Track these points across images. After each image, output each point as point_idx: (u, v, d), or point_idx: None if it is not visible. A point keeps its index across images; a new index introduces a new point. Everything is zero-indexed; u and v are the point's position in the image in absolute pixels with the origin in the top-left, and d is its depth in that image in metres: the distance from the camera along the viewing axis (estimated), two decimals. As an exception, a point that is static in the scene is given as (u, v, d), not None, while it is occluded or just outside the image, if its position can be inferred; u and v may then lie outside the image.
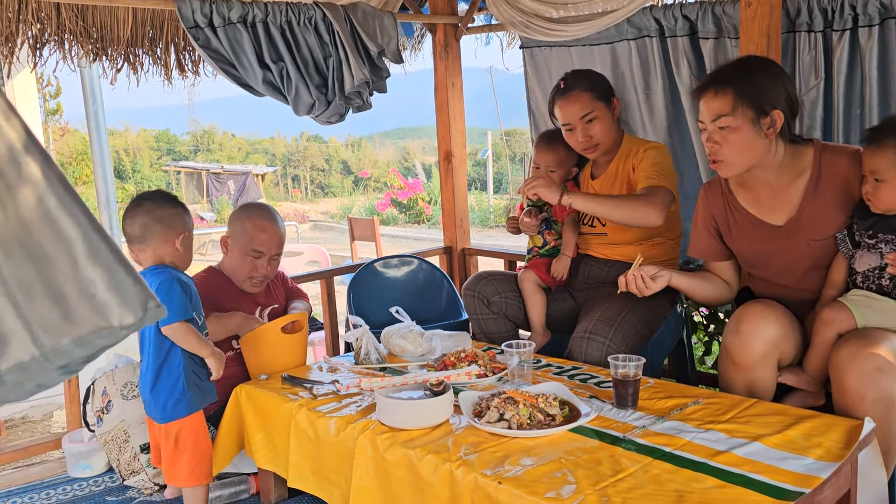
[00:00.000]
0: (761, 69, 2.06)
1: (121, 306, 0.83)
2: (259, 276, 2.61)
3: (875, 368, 1.80)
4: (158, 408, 2.14)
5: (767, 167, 2.10)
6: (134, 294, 0.84)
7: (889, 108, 2.66)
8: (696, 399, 1.99)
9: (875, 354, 1.81)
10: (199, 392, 2.17)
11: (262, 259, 2.60)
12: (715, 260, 2.35)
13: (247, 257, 2.58)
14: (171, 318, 2.08)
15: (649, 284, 2.21)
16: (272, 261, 2.63)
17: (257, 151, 23.89)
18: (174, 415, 2.14)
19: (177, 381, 2.13)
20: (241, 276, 2.60)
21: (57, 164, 0.80)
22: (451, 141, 3.86)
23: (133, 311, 0.84)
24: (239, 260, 2.59)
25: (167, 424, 2.15)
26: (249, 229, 2.59)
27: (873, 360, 1.80)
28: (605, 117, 2.59)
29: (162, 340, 2.12)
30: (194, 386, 2.16)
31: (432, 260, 3.62)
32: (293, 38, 3.07)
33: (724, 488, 1.52)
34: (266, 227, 2.61)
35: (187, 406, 2.14)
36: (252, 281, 2.61)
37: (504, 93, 14.39)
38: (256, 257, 2.59)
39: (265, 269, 2.61)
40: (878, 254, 1.98)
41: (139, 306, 0.84)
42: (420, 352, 2.52)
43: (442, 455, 1.74)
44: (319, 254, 5.97)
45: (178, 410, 2.14)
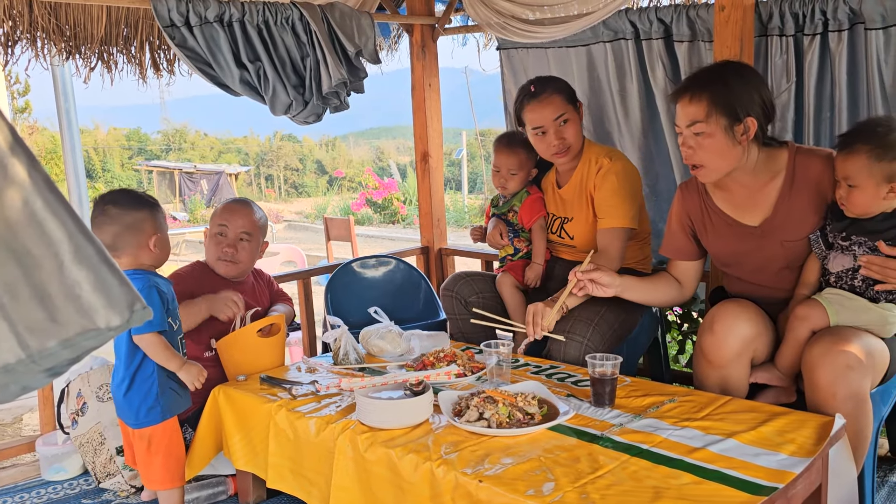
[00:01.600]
0: (737, 76, 2.09)
1: (107, 308, 0.83)
2: (226, 256, 2.59)
3: (846, 366, 1.84)
4: (132, 413, 2.12)
5: (742, 170, 2.14)
6: (120, 295, 0.83)
7: (858, 111, 2.73)
8: (671, 397, 2.03)
9: (847, 352, 1.86)
10: (173, 397, 2.16)
11: (227, 237, 2.59)
12: (684, 259, 2.38)
13: (213, 238, 2.61)
14: (144, 327, 2.06)
15: (599, 291, 2.27)
16: (241, 241, 2.62)
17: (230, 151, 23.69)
18: (147, 421, 2.12)
19: (151, 387, 2.11)
20: (210, 259, 2.63)
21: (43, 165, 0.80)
22: (429, 141, 3.87)
23: (119, 313, 0.83)
24: (210, 244, 2.62)
25: (140, 430, 2.14)
26: (217, 211, 2.66)
27: (845, 358, 1.85)
28: (576, 120, 2.61)
29: (122, 343, 2.10)
30: (169, 392, 2.14)
31: (409, 260, 3.63)
32: (270, 38, 3.06)
33: (701, 484, 1.55)
34: (233, 208, 2.64)
35: (161, 413, 2.12)
36: (222, 263, 2.60)
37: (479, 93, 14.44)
38: (221, 234, 2.58)
39: (231, 248, 2.60)
40: (851, 255, 2.03)
41: (126, 308, 0.84)
42: (399, 352, 2.52)
43: (422, 454, 1.75)
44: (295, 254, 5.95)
45: (152, 417, 2.12)
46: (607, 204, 2.56)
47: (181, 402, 2.19)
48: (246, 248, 2.64)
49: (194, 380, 2.15)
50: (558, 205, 2.75)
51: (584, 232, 2.66)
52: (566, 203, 2.71)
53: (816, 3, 2.68)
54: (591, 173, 2.61)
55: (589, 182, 2.62)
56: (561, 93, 2.58)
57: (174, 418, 2.17)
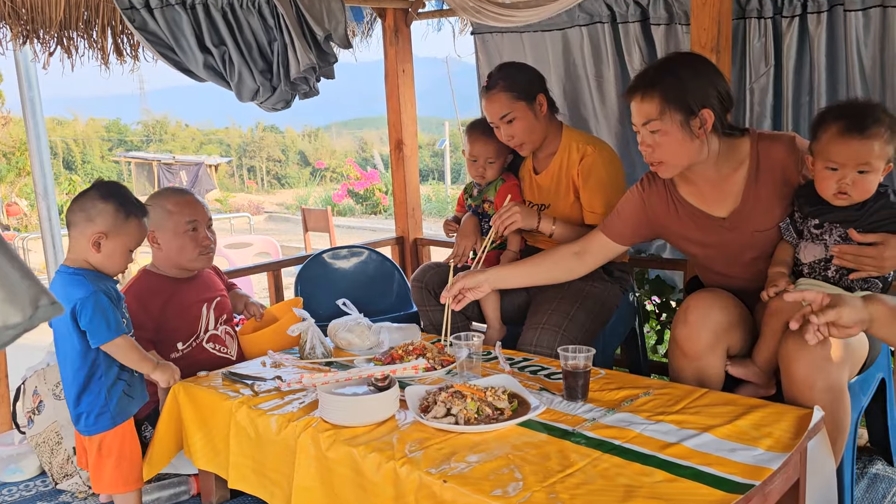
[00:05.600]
0: (688, 68, 2.01)
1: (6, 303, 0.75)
2: (206, 247, 2.52)
3: (823, 357, 1.79)
4: (81, 420, 2.03)
5: (705, 163, 2.07)
6: (22, 290, 0.75)
7: (837, 95, 2.67)
8: (646, 390, 1.96)
9: (823, 344, 1.79)
10: (124, 402, 2.07)
11: (201, 228, 2.50)
12: (613, 240, 2.32)
13: (185, 235, 2.47)
14: (110, 334, 1.98)
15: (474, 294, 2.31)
16: (208, 229, 2.54)
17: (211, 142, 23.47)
18: (97, 428, 2.03)
19: (100, 393, 2.02)
20: (189, 256, 2.48)
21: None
22: (403, 129, 3.78)
23: (21, 309, 0.75)
24: (179, 243, 2.46)
25: (90, 436, 2.05)
26: (174, 209, 2.47)
27: (822, 349, 1.79)
28: (526, 117, 2.52)
29: (87, 352, 2.00)
30: (119, 397, 2.05)
31: (383, 251, 3.55)
32: (235, 21, 2.96)
33: (674, 482, 1.49)
34: (188, 200, 2.52)
35: (111, 418, 2.04)
36: (203, 255, 2.51)
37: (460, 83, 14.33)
38: (195, 228, 2.48)
39: (207, 238, 2.52)
40: (822, 245, 1.96)
41: (28, 304, 0.76)
42: (368, 345, 2.45)
43: (386, 453, 1.68)
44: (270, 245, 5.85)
45: (101, 423, 2.03)
46: (599, 197, 2.51)
47: (132, 406, 2.10)
48: (214, 234, 2.58)
49: (169, 380, 2.13)
50: (536, 192, 2.68)
51: (562, 218, 2.59)
52: (543, 190, 2.64)
53: (795, -16, 2.62)
54: (573, 161, 2.54)
55: (571, 169, 2.55)
56: (509, 90, 2.50)
57: (128, 420, 2.08)
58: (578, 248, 2.35)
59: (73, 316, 1.96)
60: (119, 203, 2.04)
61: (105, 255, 2.03)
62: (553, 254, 2.37)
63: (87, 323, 1.96)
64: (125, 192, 2.11)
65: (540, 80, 2.60)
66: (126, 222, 2.05)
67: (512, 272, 2.38)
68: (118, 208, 2.04)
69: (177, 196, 2.52)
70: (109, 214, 2.02)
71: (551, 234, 2.52)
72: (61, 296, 1.96)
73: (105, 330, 1.98)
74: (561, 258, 2.35)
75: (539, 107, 2.54)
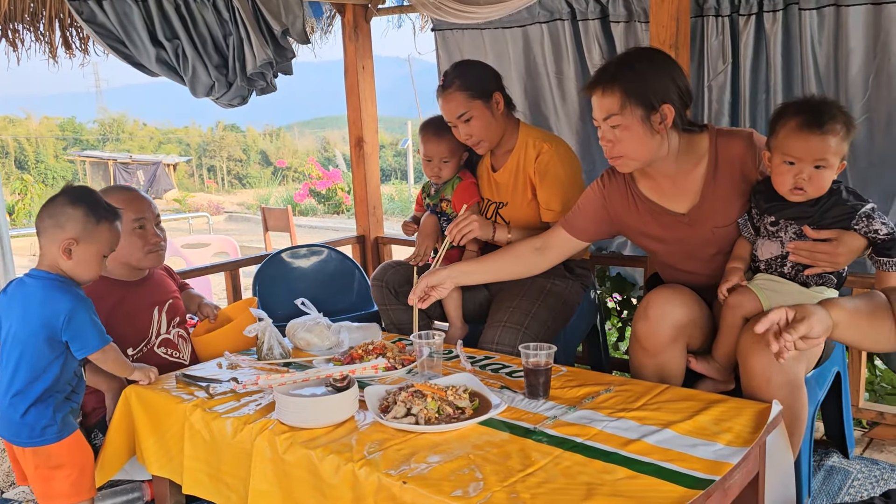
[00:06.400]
0: (648, 63, 2.01)
1: None
2: (156, 244, 2.43)
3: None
4: (24, 432, 1.94)
5: (664, 159, 2.07)
6: None
7: (792, 92, 2.71)
8: (607, 387, 1.96)
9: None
10: (74, 413, 2.00)
11: (148, 225, 2.41)
12: (575, 236, 2.32)
13: (132, 234, 2.37)
14: (101, 342, 1.96)
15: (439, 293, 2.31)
16: (157, 226, 2.45)
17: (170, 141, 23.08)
18: (43, 440, 1.95)
19: (49, 404, 1.93)
20: (138, 255, 2.39)
21: None
22: (363, 126, 3.74)
23: None
24: (126, 242, 2.35)
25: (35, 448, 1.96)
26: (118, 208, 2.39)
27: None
28: (483, 115, 2.50)
29: (38, 358, 1.91)
30: (67, 407, 1.98)
31: (344, 250, 3.50)
32: (189, 15, 2.89)
33: (635, 479, 1.48)
34: (132, 198, 2.42)
35: (57, 431, 1.95)
36: (152, 253, 2.42)
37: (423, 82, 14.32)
38: (142, 226, 2.39)
39: (155, 236, 2.42)
40: (778, 242, 1.98)
41: None
42: (327, 345, 2.40)
43: (344, 455, 1.64)
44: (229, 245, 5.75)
45: (49, 435, 1.94)
46: (555, 194, 2.50)
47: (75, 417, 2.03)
48: (163, 231, 2.49)
49: (147, 379, 2.13)
50: (493, 189, 2.66)
51: (519, 217, 2.58)
52: (501, 187, 2.63)
53: (752, -17, 2.65)
54: (530, 158, 2.53)
55: (528, 166, 2.54)
56: (465, 89, 2.48)
57: (76, 430, 2.01)
58: (540, 244, 2.34)
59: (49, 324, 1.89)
60: (89, 207, 1.97)
61: (77, 262, 1.95)
62: (515, 249, 2.36)
63: (78, 332, 1.91)
64: (96, 196, 2.03)
65: (496, 77, 2.58)
66: (97, 227, 1.97)
67: (474, 268, 2.37)
68: (88, 213, 1.96)
69: (120, 194, 2.42)
70: (79, 220, 1.95)
71: (508, 241, 2.51)
72: (40, 300, 1.90)
73: (97, 338, 1.95)
74: (522, 254, 2.35)
75: (496, 105, 2.52)
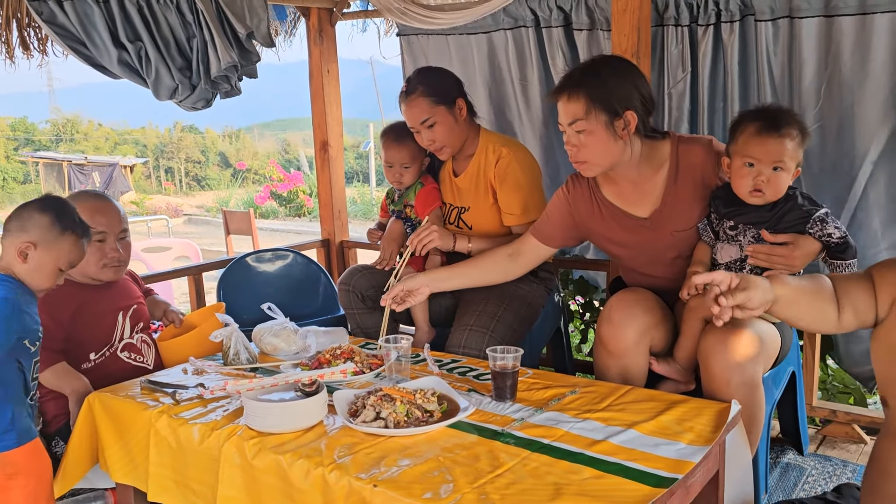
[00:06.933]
0: (613, 71, 2.06)
1: None
2: (115, 261, 2.37)
3: (739, 354, 1.86)
4: None
5: (627, 164, 2.12)
6: None
7: (749, 101, 2.79)
8: (573, 388, 1.99)
9: (739, 340, 1.87)
10: (29, 421, 1.95)
11: (109, 239, 2.36)
12: (547, 245, 2.38)
13: (90, 246, 2.31)
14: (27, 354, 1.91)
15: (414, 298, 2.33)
16: (121, 241, 2.40)
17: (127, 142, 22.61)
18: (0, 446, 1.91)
19: (4, 411, 1.89)
20: (93, 269, 2.34)
21: None
22: (328, 130, 3.74)
23: None
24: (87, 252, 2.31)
25: None
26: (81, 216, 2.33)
27: (737, 345, 1.87)
28: (446, 121, 2.53)
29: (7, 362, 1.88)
30: (23, 415, 1.93)
31: (309, 254, 3.49)
32: (152, 16, 2.85)
33: (602, 478, 1.51)
34: (99, 208, 2.36)
35: (17, 438, 1.90)
36: (107, 269, 2.37)
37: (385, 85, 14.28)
38: (102, 240, 2.34)
39: (115, 251, 2.37)
40: (737, 245, 2.05)
41: None
42: (294, 350, 2.40)
43: (314, 459, 1.64)
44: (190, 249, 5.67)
45: (7, 441, 1.89)
46: (515, 198, 2.53)
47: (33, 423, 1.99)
48: (126, 245, 2.43)
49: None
50: (455, 194, 2.69)
51: (481, 221, 2.62)
52: (463, 192, 2.66)
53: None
54: (490, 163, 2.56)
55: (488, 171, 2.57)
56: (428, 95, 2.50)
57: (35, 438, 1.97)
58: (512, 251, 2.39)
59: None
60: (56, 216, 1.94)
61: (31, 268, 1.91)
62: (490, 256, 2.40)
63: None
64: (68, 208, 1.99)
65: (458, 84, 2.61)
66: (60, 237, 1.93)
67: (451, 275, 2.39)
68: (54, 221, 1.93)
69: (88, 201, 2.35)
70: (43, 225, 1.92)
71: (469, 251, 2.54)
72: None
73: None
74: (497, 261, 2.39)
75: (459, 111, 2.55)
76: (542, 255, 2.41)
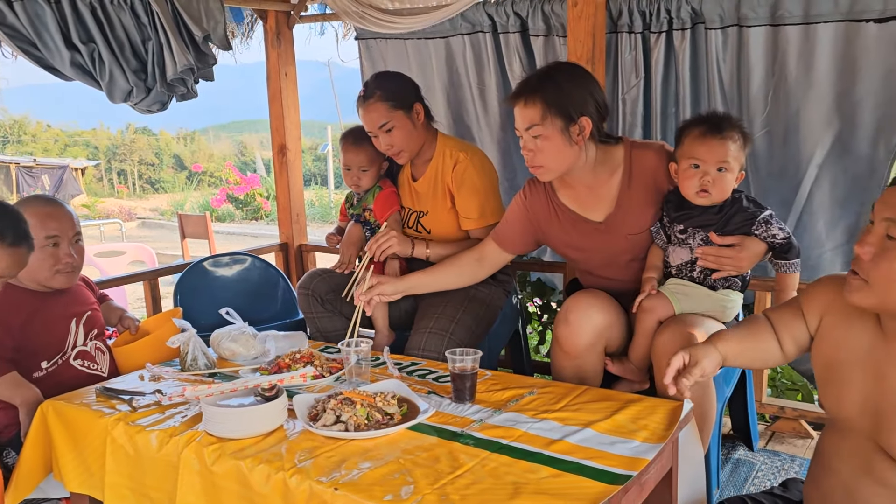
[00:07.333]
0: (568, 77, 2.11)
1: None
2: (65, 266, 2.32)
3: (690, 352, 1.91)
4: None
5: (582, 169, 2.17)
6: None
7: (700, 107, 2.87)
8: (531, 389, 2.02)
9: (690, 339, 1.93)
10: None
11: (63, 244, 2.32)
12: (507, 250, 2.42)
13: (42, 251, 2.26)
14: None
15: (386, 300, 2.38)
16: (74, 245, 2.35)
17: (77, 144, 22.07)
18: None
19: None
20: (46, 274, 2.29)
21: None
22: (286, 133, 3.72)
23: None
24: (34, 258, 2.25)
25: None
26: (33, 220, 2.21)
27: (689, 345, 1.91)
28: (404, 126, 2.55)
29: None
30: None
31: (267, 257, 3.47)
32: (106, 18, 2.81)
33: (559, 477, 1.54)
34: (51, 212, 2.30)
35: None
36: (60, 275, 2.32)
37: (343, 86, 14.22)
38: (55, 244, 2.29)
39: (69, 256, 2.32)
40: (687, 248, 2.11)
41: None
42: (253, 354, 2.39)
43: (275, 464, 1.64)
44: (145, 253, 5.58)
45: None
46: (472, 202, 2.55)
47: None
48: (79, 249, 2.38)
49: None
50: (414, 199, 2.71)
51: (440, 225, 2.64)
52: (421, 197, 2.68)
53: (662, 2, 2.79)
54: (447, 167, 2.59)
55: (445, 176, 2.59)
56: (386, 100, 2.52)
57: None
58: (478, 255, 2.43)
59: None
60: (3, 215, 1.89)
61: None
62: (458, 260, 2.43)
63: None
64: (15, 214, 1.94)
65: (415, 88, 2.64)
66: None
67: (422, 280, 2.42)
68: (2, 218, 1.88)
69: (39, 206, 2.30)
70: None
71: (427, 257, 2.57)
72: None
73: None
74: (465, 264, 2.43)
75: (416, 115, 2.57)
76: (503, 259, 2.45)
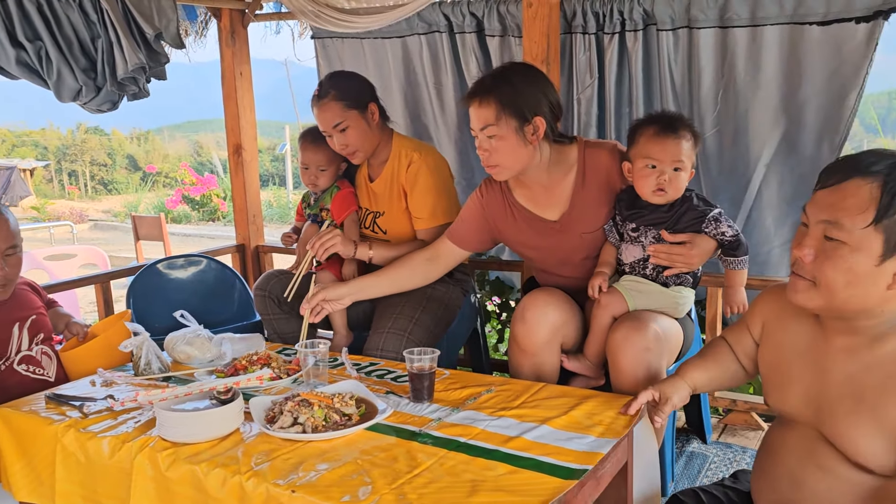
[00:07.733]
0: (523, 77, 2.13)
1: None
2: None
3: (644, 348, 1.95)
4: None
5: (537, 168, 2.20)
6: None
7: (652, 106, 2.92)
8: (489, 387, 2.04)
9: (644, 335, 1.97)
10: None
11: None
12: (462, 248, 2.43)
13: None
14: None
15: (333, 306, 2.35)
16: (7, 257, 2.26)
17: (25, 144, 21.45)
18: None
19: None
20: None
21: None
22: (241, 133, 3.68)
23: None
24: None
25: None
26: None
27: (642, 341, 1.96)
28: (359, 125, 2.55)
29: None
30: None
31: (223, 259, 3.43)
32: (53, 15, 2.74)
33: (516, 473, 1.56)
34: None
35: None
36: None
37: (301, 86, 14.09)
38: None
39: (1, 269, 2.25)
40: (640, 246, 2.15)
41: None
42: (209, 357, 2.36)
43: (231, 468, 1.62)
44: (96, 255, 5.44)
45: None
46: (424, 202, 2.56)
47: None
48: (15, 261, 2.29)
49: None
50: (371, 199, 2.70)
51: (396, 226, 2.64)
52: (378, 197, 2.68)
53: (615, 4, 2.83)
54: (402, 167, 2.59)
55: (400, 176, 2.59)
56: (341, 100, 2.51)
57: None
58: (430, 255, 2.42)
59: None
60: None
61: None
62: (409, 261, 2.42)
63: None
64: None
65: (370, 89, 2.63)
66: None
67: (373, 283, 2.41)
68: None
69: None
70: None
71: (370, 259, 2.56)
72: None
73: None
74: (416, 265, 2.42)
75: (371, 115, 2.57)
76: (458, 258, 2.45)
